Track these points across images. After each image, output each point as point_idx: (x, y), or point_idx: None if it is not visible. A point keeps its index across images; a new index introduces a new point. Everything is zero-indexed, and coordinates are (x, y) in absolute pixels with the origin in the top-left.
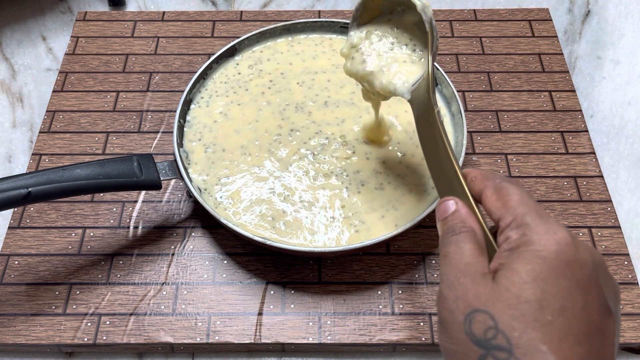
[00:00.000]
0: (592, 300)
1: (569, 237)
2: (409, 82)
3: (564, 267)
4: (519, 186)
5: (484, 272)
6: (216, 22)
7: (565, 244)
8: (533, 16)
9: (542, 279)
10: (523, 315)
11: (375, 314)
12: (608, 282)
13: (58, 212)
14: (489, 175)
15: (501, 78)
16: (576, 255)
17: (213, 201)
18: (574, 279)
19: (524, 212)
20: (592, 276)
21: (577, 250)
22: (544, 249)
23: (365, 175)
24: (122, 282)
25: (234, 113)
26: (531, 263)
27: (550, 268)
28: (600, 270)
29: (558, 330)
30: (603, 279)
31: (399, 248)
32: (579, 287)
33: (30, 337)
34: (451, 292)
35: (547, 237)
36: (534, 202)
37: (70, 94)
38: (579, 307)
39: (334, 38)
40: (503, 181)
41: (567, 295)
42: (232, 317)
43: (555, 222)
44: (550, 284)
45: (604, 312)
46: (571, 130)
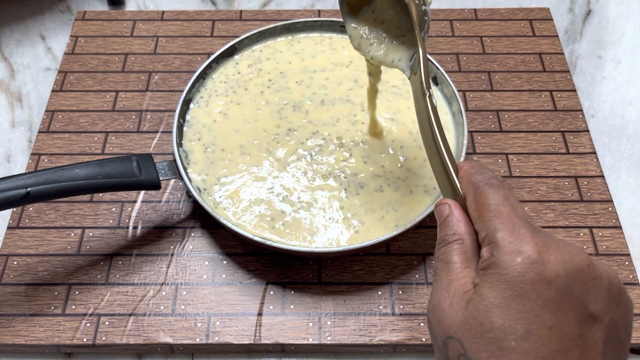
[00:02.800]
0: (565, 316)
1: (535, 254)
2: (405, 59)
3: (528, 289)
4: (500, 188)
5: (464, 290)
6: (216, 21)
7: (530, 263)
8: (534, 15)
9: (505, 305)
10: (487, 344)
11: (376, 315)
12: (598, 285)
13: (57, 212)
14: (474, 175)
15: (502, 78)
16: (542, 273)
17: (212, 201)
18: (540, 299)
19: (495, 227)
20: (563, 290)
21: (544, 268)
22: (507, 271)
23: (364, 178)
24: (121, 283)
25: (233, 113)
26: (496, 288)
27: (514, 291)
28: (581, 277)
29: (523, 356)
30: (585, 286)
31: (399, 248)
32: (547, 307)
33: (30, 337)
34: (433, 316)
35: (512, 258)
36: (509, 211)
37: (69, 93)
38: (547, 327)
39: (334, 37)
40: (485, 184)
41: (532, 318)
42: (231, 318)
43: (526, 235)
44: (514, 309)
45: (584, 323)
46: (572, 130)
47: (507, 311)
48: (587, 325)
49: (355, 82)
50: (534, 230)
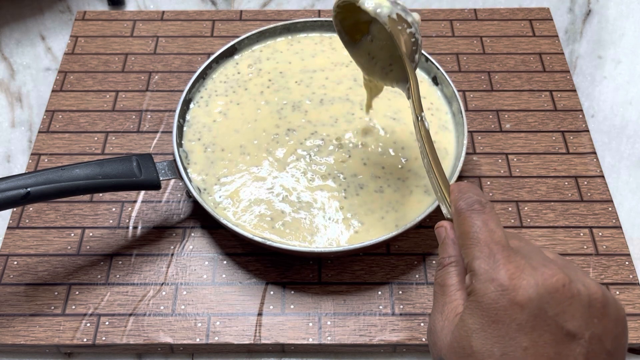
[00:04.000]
0: (540, 336)
1: (507, 280)
2: (402, 82)
3: (502, 314)
4: (481, 214)
5: (455, 313)
6: (216, 21)
7: (502, 290)
8: (534, 15)
9: (483, 330)
10: None
11: (376, 315)
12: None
13: (57, 212)
14: (458, 201)
15: (502, 78)
16: (514, 299)
17: (212, 201)
18: (514, 323)
19: (473, 255)
20: (536, 313)
21: (515, 293)
22: (483, 299)
23: (364, 179)
24: (121, 283)
25: (233, 112)
26: (474, 315)
27: (489, 317)
28: (554, 298)
29: None
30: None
31: (399, 248)
32: (521, 330)
33: (30, 337)
34: (429, 338)
35: (486, 286)
36: (487, 237)
37: (69, 93)
38: (522, 348)
39: (334, 37)
40: (466, 211)
41: (507, 341)
42: (231, 318)
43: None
44: (490, 334)
45: (561, 341)
46: (572, 130)
47: (485, 336)
48: (565, 343)
49: (355, 80)
50: (510, 255)
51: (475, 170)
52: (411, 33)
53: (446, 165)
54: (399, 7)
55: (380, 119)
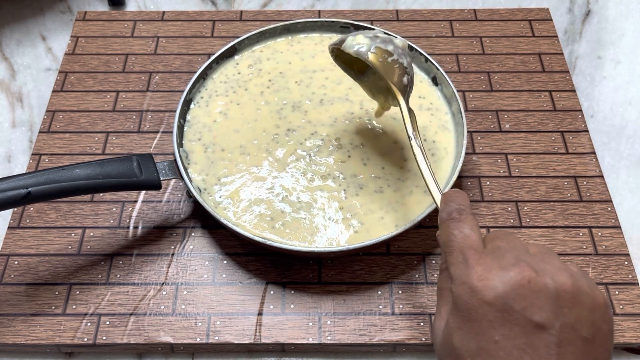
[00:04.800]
0: (510, 330)
1: (476, 282)
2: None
3: (474, 313)
4: (457, 221)
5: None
6: (216, 21)
7: (471, 292)
8: (533, 16)
9: (460, 328)
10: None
11: (376, 314)
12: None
13: (58, 212)
14: (441, 213)
15: (501, 78)
16: (482, 299)
17: (213, 201)
18: (485, 320)
19: (450, 262)
20: (504, 309)
21: (483, 294)
22: (458, 301)
23: (364, 179)
24: (121, 282)
25: (233, 113)
26: (453, 315)
27: (464, 317)
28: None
29: None
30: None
31: (399, 248)
32: (491, 325)
33: (30, 337)
34: (432, 339)
35: (460, 289)
36: (461, 243)
37: (69, 93)
38: (493, 342)
39: (334, 37)
40: (446, 221)
41: (480, 336)
42: (232, 317)
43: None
44: (466, 331)
45: (530, 332)
46: (571, 130)
47: (462, 333)
48: (535, 334)
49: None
50: (481, 258)
51: (474, 170)
52: (394, 60)
53: (446, 165)
54: (378, 40)
55: (380, 119)
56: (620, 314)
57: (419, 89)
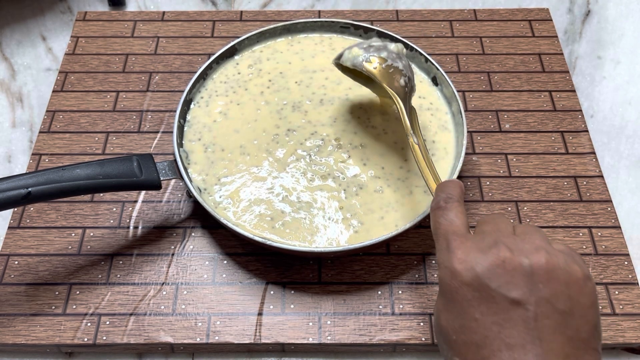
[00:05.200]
0: (488, 308)
1: (457, 265)
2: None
3: (455, 294)
4: (441, 209)
5: None
6: (216, 22)
7: (452, 275)
8: (533, 16)
9: (445, 309)
10: (445, 340)
11: (375, 314)
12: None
13: (58, 212)
14: (431, 204)
15: (501, 78)
16: (462, 280)
17: (213, 201)
18: (464, 300)
19: (437, 249)
20: (481, 289)
21: (462, 276)
22: (441, 284)
23: (364, 179)
24: (122, 282)
25: (233, 113)
26: (440, 298)
27: (447, 299)
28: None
29: (462, 346)
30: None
31: (399, 248)
32: (471, 305)
33: (30, 337)
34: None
35: (443, 273)
36: (445, 229)
37: (70, 94)
38: (474, 320)
39: (334, 37)
40: (434, 210)
41: (462, 315)
42: (232, 317)
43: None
44: (450, 311)
45: (507, 309)
46: (571, 130)
47: (446, 314)
48: (512, 310)
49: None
50: (462, 242)
51: (474, 170)
52: (388, 66)
53: (446, 165)
54: (372, 49)
55: (380, 119)
56: (620, 314)
57: (419, 89)
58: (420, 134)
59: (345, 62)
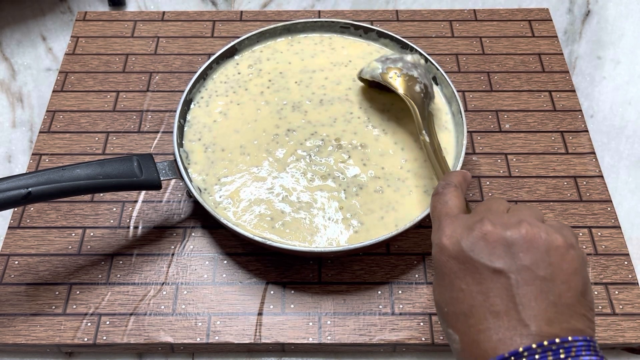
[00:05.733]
0: (473, 278)
1: (444, 240)
2: None
3: (443, 267)
4: (437, 195)
5: None
6: (216, 22)
7: (440, 250)
8: (533, 16)
9: (437, 284)
10: (439, 315)
11: (375, 314)
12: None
13: (58, 212)
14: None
15: (501, 78)
16: (449, 254)
17: (213, 201)
18: (452, 272)
19: (433, 230)
20: (465, 261)
21: (449, 250)
22: (433, 260)
23: (363, 179)
24: (122, 282)
25: (233, 113)
26: (434, 274)
27: (438, 274)
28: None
29: (452, 316)
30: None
31: (399, 248)
32: (457, 276)
33: (30, 337)
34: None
35: (434, 250)
36: (439, 211)
37: (70, 94)
38: (460, 290)
39: (334, 37)
40: (433, 196)
41: (450, 287)
42: (232, 317)
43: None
44: (441, 285)
45: (489, 278)
46: (571, 130)
47: (439, 288)
48: (494, 279)
49: (354, 81)
50: (452, 222)
51: (474, 170)
52: (404, 75)
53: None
54: (388, 61)
55: (380, 120)
56: (620, 314)
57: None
58: (435, 135)
59: (365, 75)
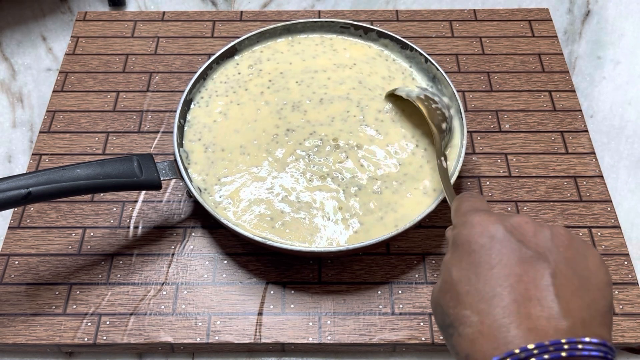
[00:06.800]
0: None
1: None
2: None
3: (473, 244)
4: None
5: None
6: (216, 22)
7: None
8: (533, 16)
9: (459, 261)
10: (452, 296)
11: (375, 314)
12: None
13: (58, 212)
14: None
15: (501, 78)
16: (485, 232)
17: (213, 201)
18: (483, 250)
19: (456, 222)
20: (503, 240)
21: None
22: (457, 238)
23: (362, 180)
24: (122, 282)
25: (233, 113)
26: (452, 253)
27: (463, 251)
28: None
29: (474, 295)
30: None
31: (399, 248)
32: (491, 254)
33: (31, 337)
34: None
35: (461, 230)
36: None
37: (70, 94)
38: (490, 269)
39: (335, 38)
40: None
41: (478, 265)
42: (232, 317)
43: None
44: (465, 262)
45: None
46: (571, 130)
47: (460, 265)
48: (532, 263)
49: (360, 83)
50: (484, 212)
51: (474, 170)
52: (437, 107)
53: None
54: (428, 92)
55: (380, 121)
56: (620, 314)
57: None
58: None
59: (400, 93)
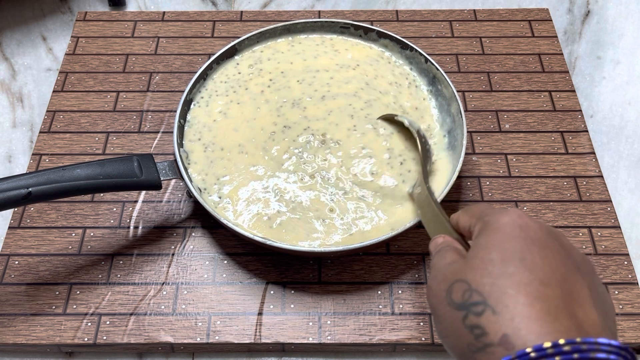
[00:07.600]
0: (553, 254)
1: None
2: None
3: (518, 231)
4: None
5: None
6: (216, 22)
7: (517, 216)
8: (533, 16)
9: (501, 241)
10: (490, 272)
11: (375, 314)
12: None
13: (58, 212)
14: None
15: (501, 78)
16: (529, 222)
17: (212, 201)
18: (529, 238)
19: (482, 213)
20: (548, 236)
21: (530, 220)
22: (497, 224)
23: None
24: (122, 282)
25: (233, 112)
26: (490, 234)
27: (505, 233)
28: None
29: (522, 277)
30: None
31: (399, 248)
32: (536, 243)
33: (31, 337)
34: (434, 280)
35: (500, 216)
36: (492, 208)
37: (70, 94)
38: (540, 257)
39: (335, 38)
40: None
41: (525, 250)
42: (232, 317)
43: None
44: (508, 243)
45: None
46: (571, 130)
47: (502, 245)
48: (573, 270)
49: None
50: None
51: (474, 170)
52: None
53: (445, 165)
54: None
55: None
56: (620, 314)
57: (418, 90)
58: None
59: (401, 119)
